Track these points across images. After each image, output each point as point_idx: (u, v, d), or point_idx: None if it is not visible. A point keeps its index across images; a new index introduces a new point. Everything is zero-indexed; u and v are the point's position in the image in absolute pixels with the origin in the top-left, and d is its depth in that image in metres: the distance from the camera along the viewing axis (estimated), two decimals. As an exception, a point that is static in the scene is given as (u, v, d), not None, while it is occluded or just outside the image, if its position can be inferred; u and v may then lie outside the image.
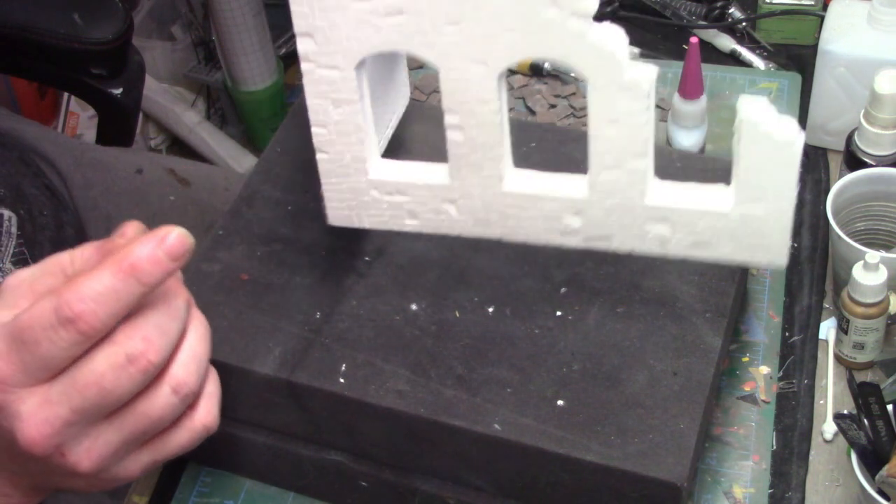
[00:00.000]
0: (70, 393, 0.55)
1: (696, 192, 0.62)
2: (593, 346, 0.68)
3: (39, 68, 1.30)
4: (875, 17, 0.90)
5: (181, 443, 0.61)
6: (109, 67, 1.28)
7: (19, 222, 0.85)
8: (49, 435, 0.55)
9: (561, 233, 0.65)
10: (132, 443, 0.59)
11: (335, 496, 0.75)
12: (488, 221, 0.66)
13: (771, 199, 0.60)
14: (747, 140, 0.58)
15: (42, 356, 0.54)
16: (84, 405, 0.55)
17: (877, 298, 0.77)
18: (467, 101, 0.61)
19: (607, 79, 0.58)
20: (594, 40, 0.57)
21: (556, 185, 0.64)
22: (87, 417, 0.56)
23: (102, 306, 0.54)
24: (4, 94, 1.78)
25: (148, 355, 0.55)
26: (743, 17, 1.07)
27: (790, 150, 0.58)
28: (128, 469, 0.60)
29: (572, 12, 0.56)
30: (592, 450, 0.63)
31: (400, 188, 0.66)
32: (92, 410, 0.56)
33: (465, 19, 0.58)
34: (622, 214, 0.63)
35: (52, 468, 0.58)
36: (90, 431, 0.57)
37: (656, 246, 0.64)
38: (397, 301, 0.71)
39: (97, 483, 0.60)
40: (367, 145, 0.65)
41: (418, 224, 0.67)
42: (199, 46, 1.98)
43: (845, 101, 0.93)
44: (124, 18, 1.26)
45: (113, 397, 0.56)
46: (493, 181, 0.64)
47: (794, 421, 0.78)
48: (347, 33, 0.60)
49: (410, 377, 0.67)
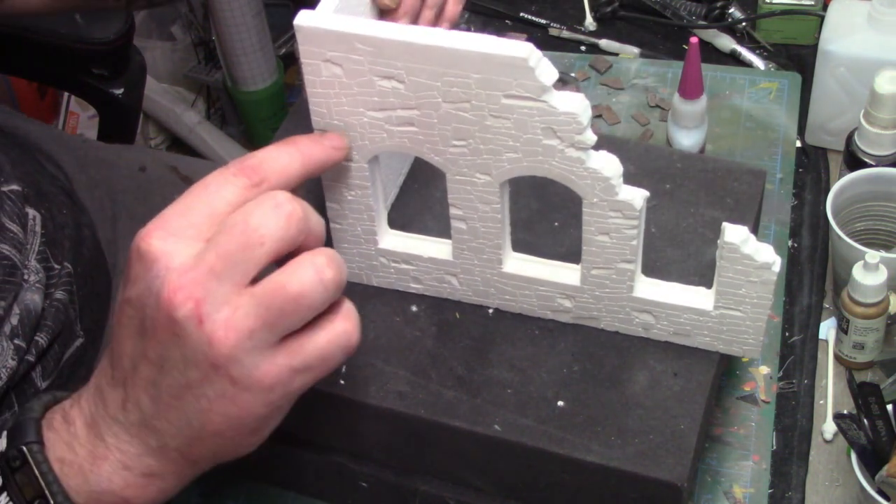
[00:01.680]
0: (219, 238, 0.55)
1: (680, 292, 0.67)
2: (593, 346, 0.68)
3: (40, 68, 1.30)
4: (875, 17, 0.90)
5: (320, 345, 0.57)
6: (111, 67, 1.28)
7: (42, 221, 0.85)
8: (193, 282, 0.54)
9: (553, 310, 0.69)
10: (270, 327, 0.55)
11: (335, 496, 0.75)
12: (487, 294, 0.70)
13: (748, 307, 0.65)
14: (728, 260, 0.63)
15: (206, 205, 0.56)
16: (230, 248, 0.54)
17: (877, 298, 0.77)
18: (471, 201, 0.65)
19: (602, 198, 0.62)
20: (592, 167, 0.61)
21: (550, 273, 0.68)
22: (230, 266, 0.54)
23: (273, 162, 0.58)
24: (4, 94, 1.78)
25: (296, 206, 0.56)
26: (743, 17, 1.07)
27: (768, 271, 0.63)
28: (262, 369, 0.55)
29: (572, 143, 0.59)
30: (593, 450, 0.63)
31: (406, 259, 0.69)
32: (236, 257, 0.54)
33: (471, 138, 0.61)
34: (610, 302, 0.67)
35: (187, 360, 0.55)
36: (230, 298, 0.54)
37: (641, 330, 0.68)
38: (397, 302, 0.71)
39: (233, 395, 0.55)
40: (378, 221, 0.68)
41: (422, 288, 0.71)
42: (199, 46, 1.98)
43: (845, 101, 0.93)
44: (125, 18, 1.26)
45: (256, 240, 0.54)
46: (493, 263, 0.68)
47: (794, 421, 0.78)
48: (362, 134, 0.63)
49: (411, 378, 0.67)
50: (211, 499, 0.77)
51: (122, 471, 0.58)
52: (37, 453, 0.58)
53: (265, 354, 0.55)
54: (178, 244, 0.55)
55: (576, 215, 0.75)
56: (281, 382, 0.56)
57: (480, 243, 0.67)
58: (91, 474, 0.58)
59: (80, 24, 1.24)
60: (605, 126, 1.00)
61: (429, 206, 0.76)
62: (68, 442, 0.58)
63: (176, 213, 0.56)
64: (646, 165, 0.79)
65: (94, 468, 0.58)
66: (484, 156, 0.62)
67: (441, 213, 0.76)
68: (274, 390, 0.56)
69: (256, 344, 0.55)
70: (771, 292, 0.64)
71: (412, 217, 0.76)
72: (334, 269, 0.56)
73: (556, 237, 0.74)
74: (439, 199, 0.77)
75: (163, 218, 0.56)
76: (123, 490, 0.58)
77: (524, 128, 0.60)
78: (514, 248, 0.69)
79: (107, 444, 0.58)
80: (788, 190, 0.93)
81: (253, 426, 0.57)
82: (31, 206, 0.84)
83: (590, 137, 0.59)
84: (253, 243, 0.54)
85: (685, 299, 0.66)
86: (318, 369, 0.57)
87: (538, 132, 0.59)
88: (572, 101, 0.58)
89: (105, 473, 0.58)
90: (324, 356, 0.57)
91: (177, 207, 0.57)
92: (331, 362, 0.57)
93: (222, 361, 0.54)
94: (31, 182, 0.87)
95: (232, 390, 0.55)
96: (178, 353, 0.55)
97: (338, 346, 0.57)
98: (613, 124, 1.00)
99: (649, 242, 0.74)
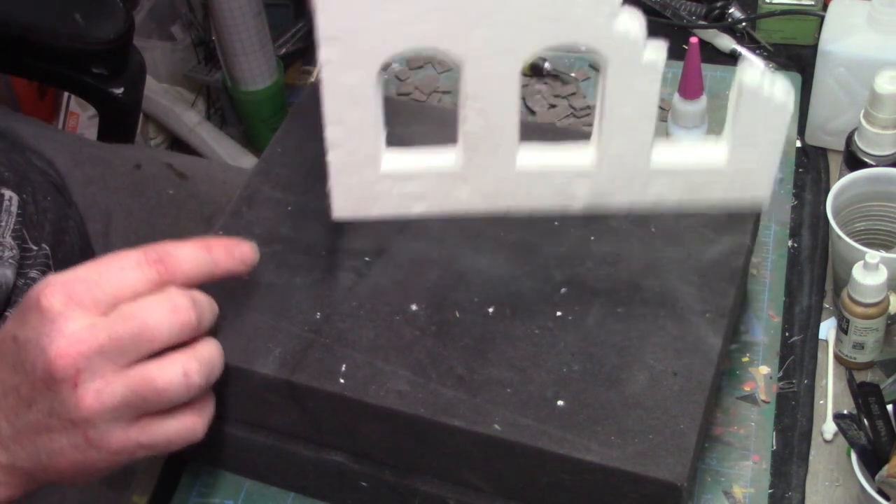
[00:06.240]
0: (115, 320, 0.60)
1: (694, 151, 0.67)
2: (593, 346, 0.68)
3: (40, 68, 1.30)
4: (875, 17, 0.90)
5: (169, 432, 0.64)
6: (110, 67, 1.28)
7: (21, 203, 0.87)
8: (79, 354, 0.59)
9: (566, 199, 0.68)
10: (131, 407, 0.61)
11: (335, 496, 0.75)
12: (497, 197, 0.69)
13: (762, 152, 0.65)
14: (748, 104, 0.62)
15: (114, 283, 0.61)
16: (122, 335, 0.60)
17: (877, 298, 0.77)
18: (491, 89, 0.64)
19: (627, 61, 0.62)
20: (620, 28, 0.60)
21: (564, 157, 0.68)
22: (117, 349, 0.60)
23: (183, 263, 0.63)
24: (4, 94, 1.78)
25: (191, 314, 0.62)
26: (743, 17, 1.07)
27: (784, 110, 0.64)
28: (114, 437, 0.62)
29: (598, 7, 0.59)
30: (592, 450, 0.63)
31: (410, 176, 0.68)
32: (125, 344, 0.60)
33: (496, 13, 0.60)
34: (627, 178, 0.67)
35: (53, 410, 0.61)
36: (106, 374, 0.60)
37: (654, 200, 0.68)
38: (397, 301, 0.71)
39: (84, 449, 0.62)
40: (381, 140, 0.67)
41: (427, 207, 0.69)
42: (199, 46, 1.98)
43: (845, 101, 0.93)
44: (125, 18, 1.26)
45: (147, 336, 0.61)
46: (508, 160, 0.67)
47: (794, 421, 0.78)
48: (374, 37, 0.62)
49: (410, 377, 0.67)
50: (210, 498, 0.77)
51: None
52: None
53: (120, 425, 0.62)
54: (75, 311, 0.60)
55: (575, 215, 0.75)
56: (127, 451, 0.63)
57: (496, 141, 0.66)
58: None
59: (80, 24, 1.24)
60: (605, 126, 1.00)
61: None
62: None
63: (83, 282, 0.61)
64: (646, 165, 0.78)
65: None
66: (507, 35, 0.61)
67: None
68: (119, 455, 0.63)
69: (115, 416, 0.61)
70: (784, 133, 0.65)
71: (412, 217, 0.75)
72: (202, 376, 0.63)
73: (556, 237, 0.74)
74: None
75: (70, 281, 0.61)
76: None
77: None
78: (514, 247, 0.69)
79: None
80: (788, 190, 0.93)
81: (93, 473, 0.65)
82: (8, 188, 0.86)
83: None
84: (144, 338, 0.61)
85: (700, 157, 0.66)
86: (160, 448, 0.65)
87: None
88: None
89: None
90: (169, 441, 0.64)
91: (85, 276, 0.62)
92: (173, 446, 0.65)
93: (82, 422, 0.61)
94: (14, 169, 0.88)
95: (84, 446, 0.62)
96: (47, 402, 0.61)
97: (183, 437, 0.65)
98: (613, 124, 1.00)
99: (649, 242, 0.74)
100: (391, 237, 0.74)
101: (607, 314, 0.70)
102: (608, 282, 0.72)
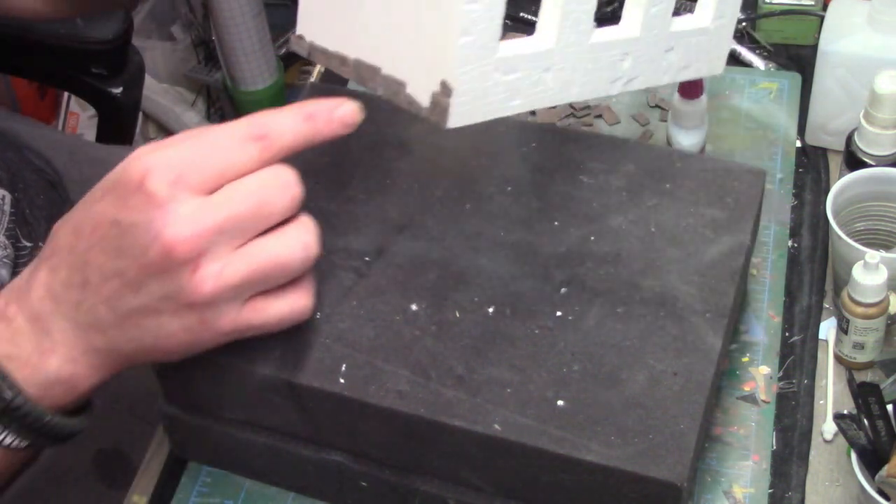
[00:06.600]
0: (231, 199, 0.59)
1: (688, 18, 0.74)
2: (593, 346, 0.68)
3: (40, 68, 1.30)
4: (875, 17, 0.90)
5: (282, 313, 0.63)
6: (109, 67, 1.28)
7: (14, 202, 0.86)
8: (198, 237, 0.58)
9: (611, 81, 0.71)
10: (251, 286, 0.61)
11: (335, 496, 0.75)
12: (571, 84, 0.69)
13: (728, 16, 0.74)
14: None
15: (220, 163, 0.59)
16: (240, 214, 0.59)
17: (877, 298, 0.77)
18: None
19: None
20: None
21: (614, 32, 0.70)
22: (236, 229, 0.59)
23: (284, 136, 0.61)
24: (4, 94, 1.79)
25: (300, 188, 0.61)
26: (743, 17, 1.07)
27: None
28: (228, 318, 0.61)
29: None
30: (592, 450, 0.63)
31: (513, 63, 0.66)
32: (243, 223, 0.59)
33: None
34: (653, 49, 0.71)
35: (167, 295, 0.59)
36: (225, 256, 0.59)
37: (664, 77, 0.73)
38: (397, 301, 0.71)
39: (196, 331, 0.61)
40: (500, 21, 0.65)
41: (521, 102, 0.68)
42: (199, 46, 1.99)
43: (845, 101, 0.93)
44: (124, 18, 1.27)
45: (265, 213, 0.60)
46: (585, 37, 0.68)
47: (794, 421, 0.78)
48: None
49: (410, 377, 0.67)
50: (210, 498, 0.77)
51: (70, 363, 0.62)
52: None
53: (235, 307, 0.61)
54: (183, 193, 0.58)
55: (575, 215, 0.75)
56: (237, 331, 0.62)
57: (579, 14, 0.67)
58: (40, 366, 0.62)
59: (79, 24, 1.24)
60: (605, 126, 1.00)
61: (429, 206, 0.76)
62: (10, 338, 0.62)
63: (188, 163, 0.59)
64: (646, 165, 0.79)
65: (42, 361, 0.62)
66: None
67: (440, 213, 0.76)
68: (229, 335, 0.62)
69: (233, 297, 0.60)
70: None
71: (412, 217, 0.76)
72: (318, 246, 0.62)
73: (556, 237, 0.74)
74: (439, 198, 0.77)
75: (174, 163, 0.59)
76: (71, 379, 0.62)
77: None
78: (514, 247, 0.69)
79: (53, 339, 0.62)
80: (788, 190, 0.93)
81: (196, 351, 0.63)
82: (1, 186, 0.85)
83: None
84: (262, 215, 0.60)
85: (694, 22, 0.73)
86: (269, 330, 0.64)
87: None
88: None
89: (54, 365, 0.62)
90: (280, 322, 0.63)
91: (189, 156, 0.59)
92: (282, 328, 0.64)
93: (200, 306, 0.60)
94: (6, 167, 0.88)
95: (197, 328, 0.61)
96: (159, 286, 0.59)
97: (296, 314, 0.64)
98: (613, 124, 1.00)
99: (649, 242, 0.74)
100: (391, 237, 0.74)
101: (607, 314, 0.70)
102: (608, 282, 0.72)
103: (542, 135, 0.82)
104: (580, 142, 0.81)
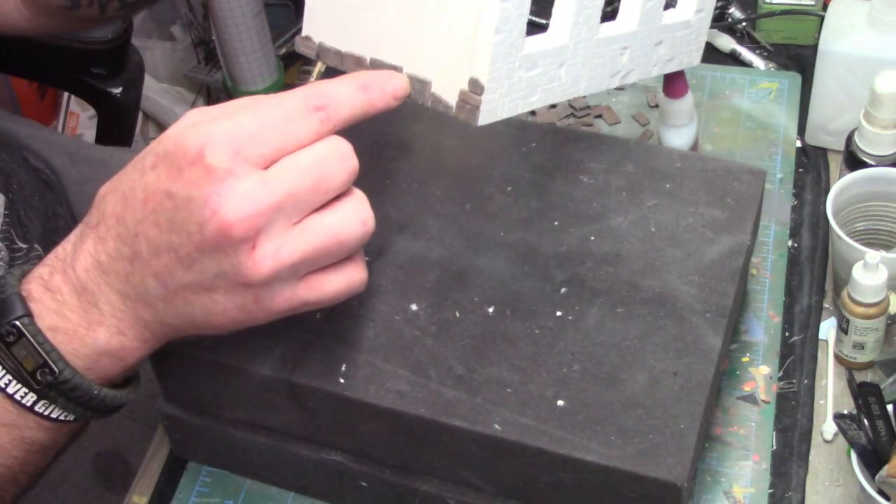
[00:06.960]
0: (290, 175, 0.57)
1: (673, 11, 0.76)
2: (593, 346, 0.68)
3: (39, 68, 1.30)
4: (875, 17, 0.90)
5: (338, 289, 0.61)
6: (109, 66, 1.29)
7: (8, 203, 0.86)
8: (258, 214, 0.56)
9: (611, 75, 0.72)
10: (309, 263, 0.59)
11: (335, 496, 0.75)
12: (580, 78, 0.70)
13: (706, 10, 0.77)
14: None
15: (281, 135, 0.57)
16: (300, 190, 0.57)
17: (877, 298, 0.77)
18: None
19: None
20: None
21: (617, 27, 0.71)
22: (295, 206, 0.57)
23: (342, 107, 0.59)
24: (4, 94, 1.79)
25: (356, 160, 0.59)
26: (743, 17, 1.07)
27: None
28: (283, 296, 0.59)
29: None
30: (592, 450, 0.63)
31: (534, 59, 0.66)
32: (303, 199, 0.57)
33: None
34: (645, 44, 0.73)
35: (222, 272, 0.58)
36: (284, 233, 0.57)
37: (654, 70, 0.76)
38: (397, 301, 0.71)
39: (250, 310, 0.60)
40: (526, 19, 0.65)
41: (538, 98, 0.68)
42: (199, 46, 1.99)
43: (845, 101, 0.93)
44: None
45: (323, 188, 0.58)
46: (594, 32, 0.69)
47: (794, 421, 0.78)
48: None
49: (410, 377, 0.67)
50: (210, 498, 0.77)
51: (118, 335, 0.61)
52: (29, 325, 0.60)
53: (290, 285, 0.59)
54: (243, 167, 0.56)
55: (575, 215, 0.75)
56: (292, 309, 0.60)
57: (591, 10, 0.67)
58: (88, 338, 0.60)
59: (80, 24, 1.24)
60: (605, 126, 1.00)
61: (429, 206, 0.76)
62: (57, 310, 0.60)
63: (249, 135, 0.57)
64: (646, 165, 0.79)
65: (90, 333, 0.60)
66: None
67: (441, 213, 0.76)
68: (282, 313, 0.60)
69: (291, 275, 0.59)
70: None
71: (412, 217, 0.76)
72: (374, 222, 0.60)
73: (556, 237, 0.74)
74: (439, 198, 0.77)
75: (234, 135, 0.57)
76: (119, 351, 0.61)
77: None
78: (514, 247, 0.69)
79: (101, 311, 0.60)
80: (788, 190, 0.93)
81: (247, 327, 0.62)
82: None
83: None
84: (321, 191, 0.58)
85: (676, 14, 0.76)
86: (326, 304, 0.61)
87: None
88: None
89: (102, 337, 0.61)
90: (336, 298, 0.61)
91: (249, 128, 0.57)
92: (338, 300, 0.62)
93: (256, 283, 0.58)
94: (3, 171, 0.88)
95: (251, 306, 0.59)
96: (215, 264, 0.57)
97: (351, 289, 0.62)
98: (613, 124, 1.00)
99: (649, 242, 0.74)
100: (391, 237, 0.74)
101: (607, 314, 0.70)
102: (608, 282, 0.72)
103: (542, 135, 0.82)
104: (580, 142, 0.81)
